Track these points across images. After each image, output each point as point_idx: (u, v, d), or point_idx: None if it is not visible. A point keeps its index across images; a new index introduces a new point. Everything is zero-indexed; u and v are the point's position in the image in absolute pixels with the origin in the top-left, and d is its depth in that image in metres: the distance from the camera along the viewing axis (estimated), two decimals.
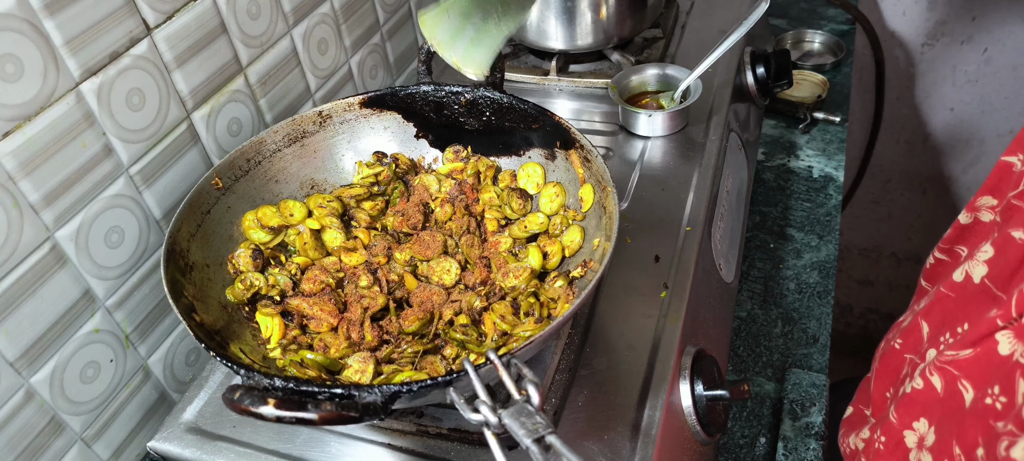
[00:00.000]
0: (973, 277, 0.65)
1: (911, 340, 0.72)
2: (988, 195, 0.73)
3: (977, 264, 0.64)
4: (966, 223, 0.76)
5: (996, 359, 0.58)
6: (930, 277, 0.81)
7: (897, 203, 1.82)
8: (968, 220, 0.75)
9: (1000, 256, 0.62)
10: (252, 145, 0.70)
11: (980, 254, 0.65)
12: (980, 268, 0.64)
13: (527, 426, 0.43)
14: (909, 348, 0.72)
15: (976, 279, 0.64)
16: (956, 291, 0.67)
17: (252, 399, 0.44)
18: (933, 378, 0.64)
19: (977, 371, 0.60)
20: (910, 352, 0.72)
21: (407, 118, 0.76)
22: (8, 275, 0.57)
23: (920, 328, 0.70)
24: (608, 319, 0.66)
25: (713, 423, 0.64)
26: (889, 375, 0.74)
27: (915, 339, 0.71)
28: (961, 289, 0.66)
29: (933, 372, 0.64)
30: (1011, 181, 0.69)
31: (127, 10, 0.63)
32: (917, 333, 0.71)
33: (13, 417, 0.59)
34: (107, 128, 0.63)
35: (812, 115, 1.16)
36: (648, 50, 1.01)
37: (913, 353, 0.71)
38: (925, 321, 0.70)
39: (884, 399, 0.75)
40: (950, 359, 0.62)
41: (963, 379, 0.61)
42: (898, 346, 0.73)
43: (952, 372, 0.62)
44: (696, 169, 0.81)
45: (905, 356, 0.72)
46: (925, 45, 1.55)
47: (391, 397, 0.47)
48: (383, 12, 1.00)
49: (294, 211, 0.70)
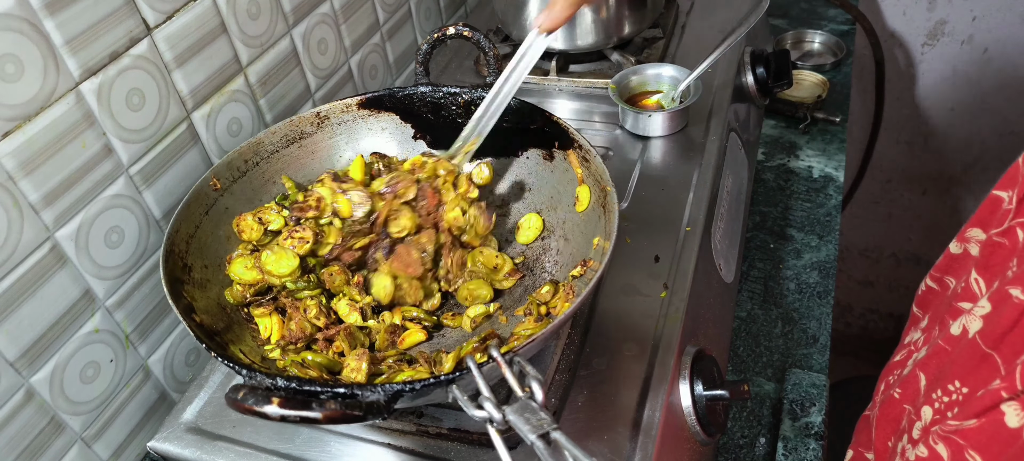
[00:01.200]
0: (969, 332, 0.64)
1: (909, 391, 0.71)
2: (978, 228, 0.73)
3: (974, 319, 0.64)
4: (956, 253, 0.75)
5: (1005, 432, 0.57)
6: (922, 304, 0.81)
7: (897, 203, 1.82)
8: (958, 250, 0.75)
9: (996, 313, 0.62)
10: (250, 146, 0.70)
11: (977, 309, 0.64)
12: (976, 323, 0.63)
13: (531, 422, 0.43)
14: (907, 398, 0.72)
15: (971, 334, 0.64)
16: (953, 345, 0.66)
17: (256, 399, 0.44)
18: (938, 447, 0.63)
19: (984, 442, 0.59)
20: (908, 403, 0.72)
21: (405, 119, 0.76)
22: (8, 275, 0.57)
23: (918, 380, 0.70)
24: (608, 319, 0.66)
25: (713, 423, 0.64)
26: (890, 424, 0.74)
27: (913, 390, 0.71)
28: (957, 343, 0.66)
29: (938, 441, 0.63)
30: (997, 217, 0.69)
31: (127, 10, 0.63)
32: (915, 384, 0.70)
33: (13, 417, 0.59)
34: (107, 128, 0.63)
35: (812, 115, 1.16)
36: (648, 50, 1.01)
37: (911, 404, 0.71)
38: (923, 373, 0.70)
39: (886, 448, 0.74)
40: (955, 429, 0.62)
41: (970, 450, 0.60)
42: (897, 396, 0.73)
43: (958, 442, 0.61)
44: (696, 169, 0.81)
45: (904, 407, 0.72)
46: (925, 45, 1.55)
47: (394, 396, 0.47)
48: (383, 12, 1.00)
49: (275, 268, 0.64)
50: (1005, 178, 0.70)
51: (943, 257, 0.77)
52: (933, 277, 0.79)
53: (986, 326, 0.62)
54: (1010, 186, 0.69)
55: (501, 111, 0.68)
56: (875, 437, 0.76)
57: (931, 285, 0.79)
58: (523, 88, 0.98)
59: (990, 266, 0.66)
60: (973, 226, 0.74)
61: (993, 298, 0.62)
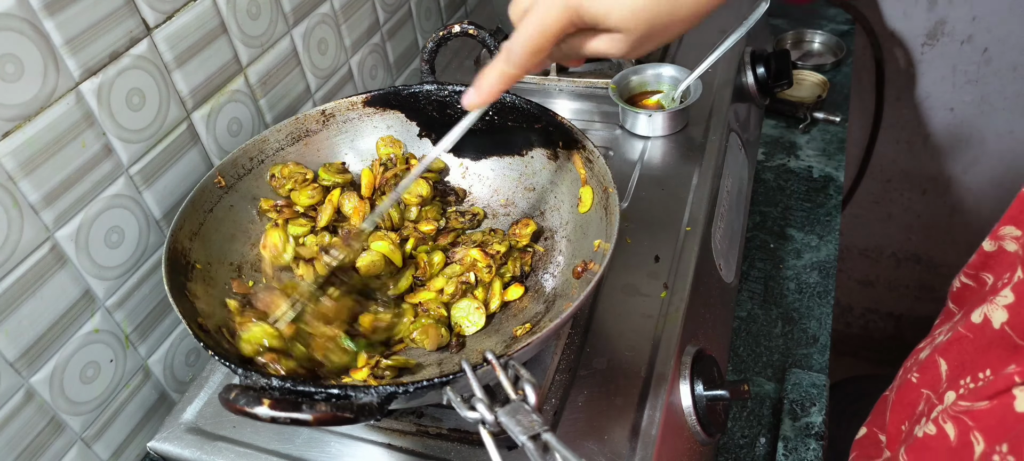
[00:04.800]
0: (992, 321, 0.64)
1: (928, 376, 0.71)
2: (1011, 225, 0.73)
3: (997, 308, 0.64)
4: (990, 251, 0.75)
5: (1011, 416, 0.58)
6: (958, 299, 0.81)
7: (897, 203, 1.82)
8: (992, 248, 0.75)
9: (1021, 303, 0.62)
10: (255, 143, 0.70)
11: (1000, 298, 0.64)
12: (1000, 313, 0.63)
13: (523, 424, 0.43)
14: (926, 383, 0.72)
15: (995, 324, 0.64)
16: (974, 332, 0.66)
17: (247, 399, 0.44)
18: (946, 426, 0.63)
19: (991, 424, 0.60)
20: (927, 387, 0.72)
21: (410, 117, 0.76)
22: (8, 275, 0.57)
23: (937, 365, 0.70)
24: (608, 319, 0.66)
25: (713, 423, 0.64)
26: (905, 408, 0.74)
27: (933, 376, 0.71)
28: (979, 331, 0.66)
29: (947, 420, 0.63)
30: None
31: (127, 10, 0.63)
32: (935, 370, 0.70)
33: (13, 417, 0.59)
34: (107, 128, 0.63)
35: (812, 115, 1.16)
36: None
37: (930, 389, 0.71)
38: (943, 359, 0.70)
39: (899, 432, 0.75)
40: (965, 409, 0.62)
41: (976, 430, 0.60)
42: (915, 380, 0.73)
43: (966, 422, 0.61)
44: (696, 169, 0.81)
45: (922, 391, 0.72)
46: (925, 45, 1.55)
47: (387, 398, 0.47)
48: (383, 12, 1.00)
49: None
50: None
51: (977, 255, 0.77)
52: (967, 274, 0.79)
53: (1013, 317, 0.62)
54: None
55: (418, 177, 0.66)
56: (889, 421, 0.76)
57: (966, 282, 0.79)
58: (523, 88, 0.98)
59: None
60: (1006, 224, 0.74)
61: (1016, 288, 0.63)
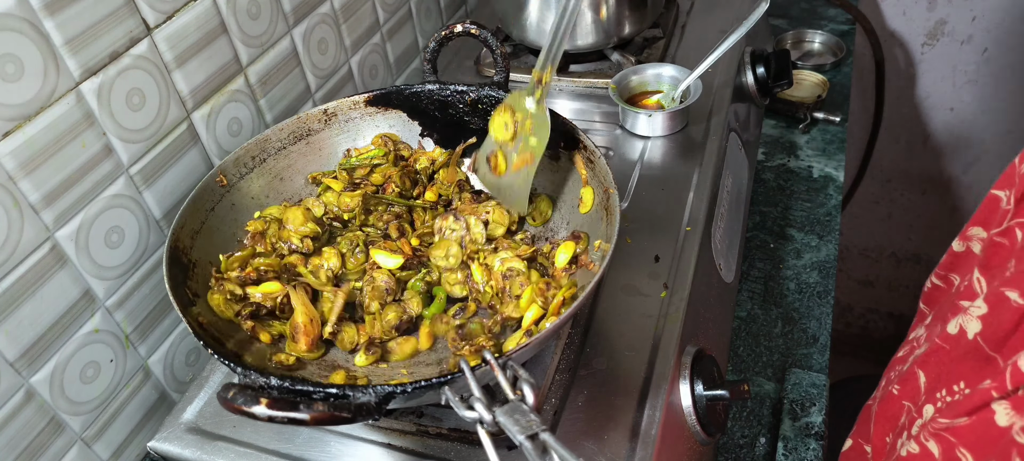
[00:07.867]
0: (966, 332, 0.64)
1: (908, 388, 0.72)
2: (979, 226, 0.73)
3: (971, 319, 0.64)
4: (959, 251, 0.76)
5: (994, 430, 0.58)
6: (928, 301, 0.82)
7: (897, 203, 1.82)
8: (961, 248, 0.76)
9: (993, 315, 0.62)
10: (257, 142, 0.70)
11: (974, 309, 0.64)
12: (974, 323, 0.64)
13: (521, 423, 0.43)
14: (907, 395, 0.72)
15: (970, 335, 0.64)
16: (950, 344, 0.67)
17: (245, 398, 0.44)
18: (929, 444, 0.64)
19: (974, 440, 0.60)
20: (907, 399, 0.72)
21: (412, 116, 0.76)
22: (8, 275, 0.57)
23: (917, 377, 0.71)
24: (608, 319, 0.66)
25: (713, 423, 0.64)
26: (888, 421, 0.75)
27: (912, 388, 0.71)
28: (954, 342, 0.66)
29: (929, 438, 0.64)
30: (997, 217, 0.69)
31: (127, 10, 0.63)
32: (914, 381, 0.71)
33: (13, 417, 0.59)
34: (107, 128, 0.63)
35: (812, 115, 1.16)
36: (648, 50, 1.01)
37: (911, 401, 0.71)
38: (922, 371, 0.70)
39: (884, 444, 0.75)
40: (946, 426, 0.62)
41: (961, 447, 0.61)
42: (896, 392, 0.73)
43: (949, 439, 0.62)
44: (696, 169, 0.81)
45: (904, 403, 0.72)
46: (925, 45, 1.55)
47: (385, 398, 0.47)
48: (383, 12, 1.00)
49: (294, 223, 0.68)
50: (1003, 178, 0.70)
51: (947, 255, 0.78)
52: (938, 275, 0.80)
53: (986, 328, 0.62)
54: (1008, 186, 0.69)
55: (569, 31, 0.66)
56: (873, 432, 0.76)
57: (936, 283, 0.80)
58: (524, 88, 0.98)
59: (990, 266, 0.67)
60: (974, 225, 0.74)
61: (989, 299, 0.63)
